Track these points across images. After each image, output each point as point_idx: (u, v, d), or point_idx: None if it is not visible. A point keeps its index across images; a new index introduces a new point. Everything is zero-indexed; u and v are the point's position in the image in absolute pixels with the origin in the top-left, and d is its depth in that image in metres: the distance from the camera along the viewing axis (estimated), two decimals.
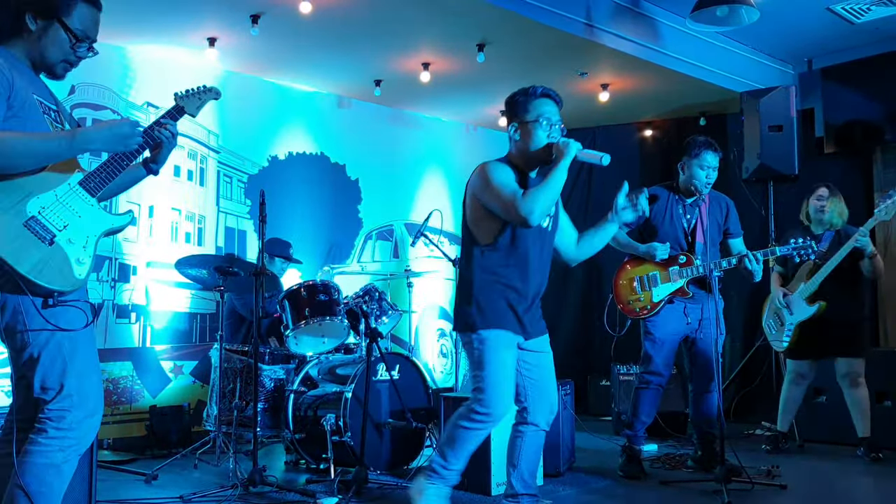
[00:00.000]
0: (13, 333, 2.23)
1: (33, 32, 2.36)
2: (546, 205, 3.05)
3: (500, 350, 3.13)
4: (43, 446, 2.23)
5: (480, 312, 3.14)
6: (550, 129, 3.20)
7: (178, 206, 5.92)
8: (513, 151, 3.30)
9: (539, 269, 3.26)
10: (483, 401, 3.09)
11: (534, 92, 3.23)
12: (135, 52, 5.68)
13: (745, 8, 5.06)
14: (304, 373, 4.80)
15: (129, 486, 4.34)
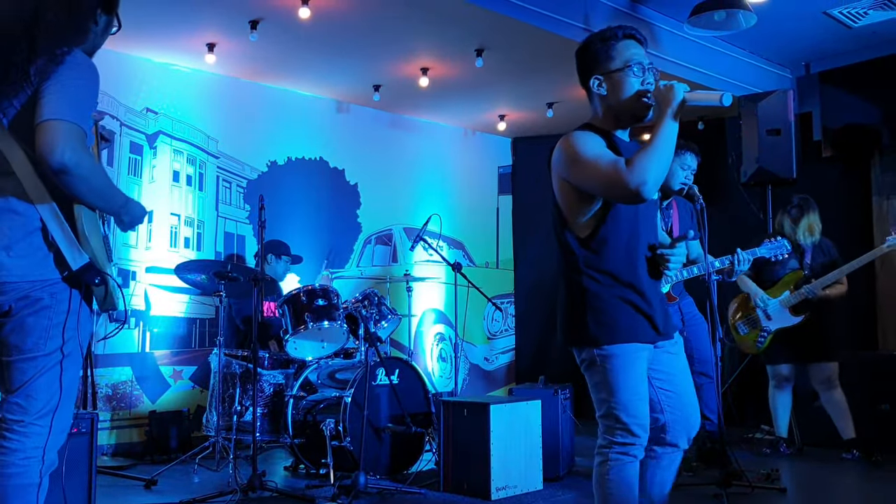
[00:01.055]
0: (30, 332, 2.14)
1: (98, 27, 2.35)
2: (660, 170, 2.39)
3: (632, 367, 2.50)
4: (24, 468, 2.13)
5: (600, 324, 2.51)
6: (644, 73, 2.57)
7: (178, 212, 5.93)
8: (598, 113, 2.65)
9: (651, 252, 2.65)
10: (621, 429, 2.48)
11: (614, 35, 2.62)
12: (134, 57, 5.69)
13: (742, 12, 5.08)
14: (304, 378, 4.80)
15: (128, 492, 4.34)
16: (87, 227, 2.16)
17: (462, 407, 4.26)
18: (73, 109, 2.08)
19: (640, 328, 2.52)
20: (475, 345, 7.76)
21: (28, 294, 2.12)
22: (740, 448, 5.35)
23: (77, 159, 2.03)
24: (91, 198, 2.15)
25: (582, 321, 2.55)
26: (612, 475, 2.48)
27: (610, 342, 2.50)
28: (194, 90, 6.06)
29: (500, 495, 4.08)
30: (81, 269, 2.13)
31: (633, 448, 2.49)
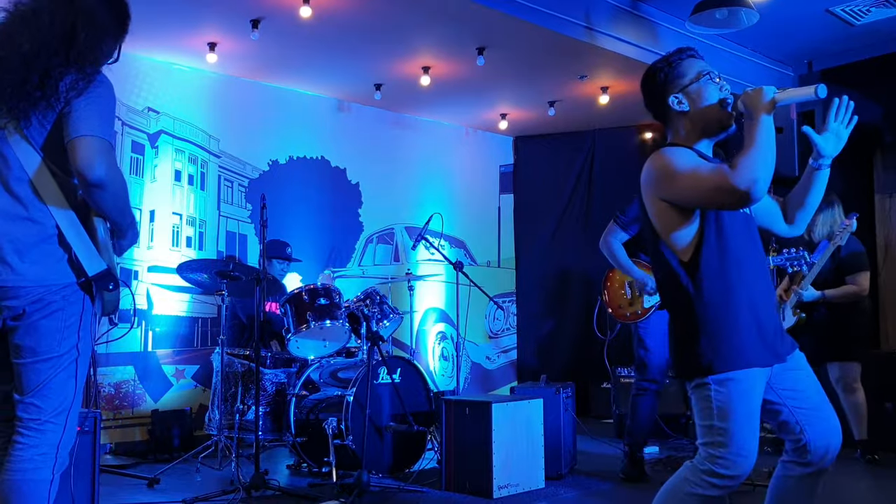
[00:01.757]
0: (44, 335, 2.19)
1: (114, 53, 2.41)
2: (768, 170, 2.29)
3: (747, 395, 2.35)
4: (41, 463, 2.20)
5: (714, 349, 2.35)
6: (719, 80, 2.52)
7: (179, 211, 5.93)
8: (679, 133, 2.55)
9: (761, 267, 2.52)
10: (726, 462, 2.33)
11: (676, 58, 2.59)
12: (135, 57, 5.69)
13: (744, 10, 5.07)
14: (306, 376, 4.81)
15: (131, 491, 4.35)
16: (103, 236, 2.26)
17: (464, 406, 4.27)
18: (105, 126, 2.19)
19: (754, 352, 2.37)
20: (477, 343, 7.76)
21: (41, 297, 2.18)
22: None
23: (113, 175, 2.15)
24: (114, 212, 2.25)
25: (693, 349, 2.39)
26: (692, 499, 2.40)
27: (724, 368, 2.34)
28: (196, 89, 6.07)
29: (502, 494, 4.08)
30: (99, 275, 2.22)
31: (730, 484, 2.36)
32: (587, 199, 7.86)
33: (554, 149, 7.96)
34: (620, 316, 4.61)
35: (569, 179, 7.91)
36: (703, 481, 2.37)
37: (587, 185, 7.87)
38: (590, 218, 7.72)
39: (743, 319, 2.37)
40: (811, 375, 2.51)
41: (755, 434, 2.35)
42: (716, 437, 2.34)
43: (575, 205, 7.91)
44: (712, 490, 2.36)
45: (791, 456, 2.49)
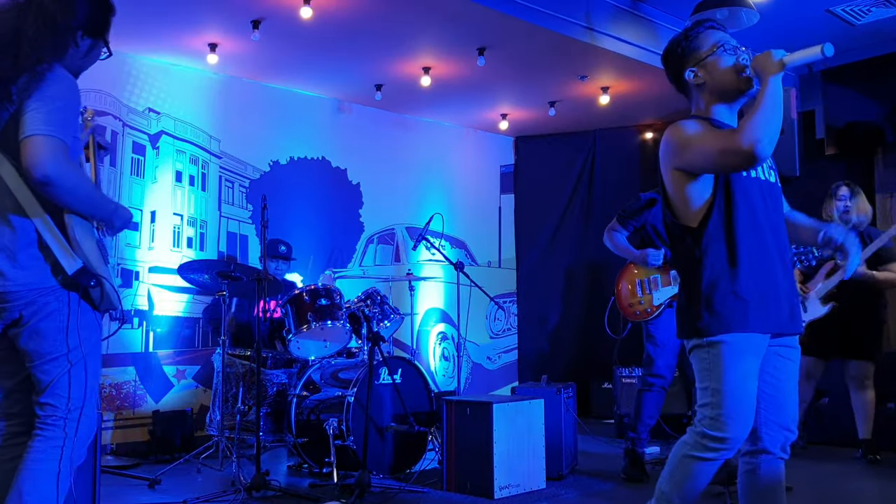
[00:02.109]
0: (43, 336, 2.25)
1: (80, 49, 2.41)
2: (773, 128, 2.36)
3: (743, 358, 2.39)
4: (53, 455, 2.27)
5: (713, 312, 2.41)
6: (736, 50, 2.56)
7: (180, 212, 5.93)
8: (700, 105, 2.64)
9: (775, 236, 2.50)
10: (719, 424, 2.37)
11: (695, 30, 2.64)
12: (136, 58, 5.70)
13: (745, 10, 5.07)
14: (307, 377, 4.81)
15: (132, 491, 4.35)
16: (78, 233, 2.26)
17: (465, 406, 4.26)
18: (54, 124, 2.19)
19: (752, 316, 2.40)
20: (478, 344, 7.76)
21: (34, 301, 2.23)
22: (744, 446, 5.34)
23: (60, 171, 2.15)
24: (78, 207, 2.27)
25: (695, 311, 2.44)
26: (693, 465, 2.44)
27: (720, 331, 2.39)
28: (196, 90, 6.07)
29: (503, 494, 4.08)
30: (76, 274, 2.24)
31: (721, 449, 2.40)
32: (588, 199, 7.86)
33: (554, 149, 7.96)
34: (631, 314, 4.62)
35: (569, 179, 7.91)
36: (698, 444, 2.41)
37: (588, 185, 7.87)
38: (590, 218, 7.71)
39: (744, 286, 2.40)
40: (795, 371, 2.56)
41: (750, 398, 2.39)
42: (709, 398, 2.40)
43: (575, 205, 7.90)
44: (707, 453, 2.39)
45: (747, 444, 2.54)
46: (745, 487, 2.59)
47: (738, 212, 2.45)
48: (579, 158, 7.90)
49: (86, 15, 2.38)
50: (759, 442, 2.52)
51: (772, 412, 2.51)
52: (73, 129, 2.27)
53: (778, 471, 2.58)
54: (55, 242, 2.23)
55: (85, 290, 2.26)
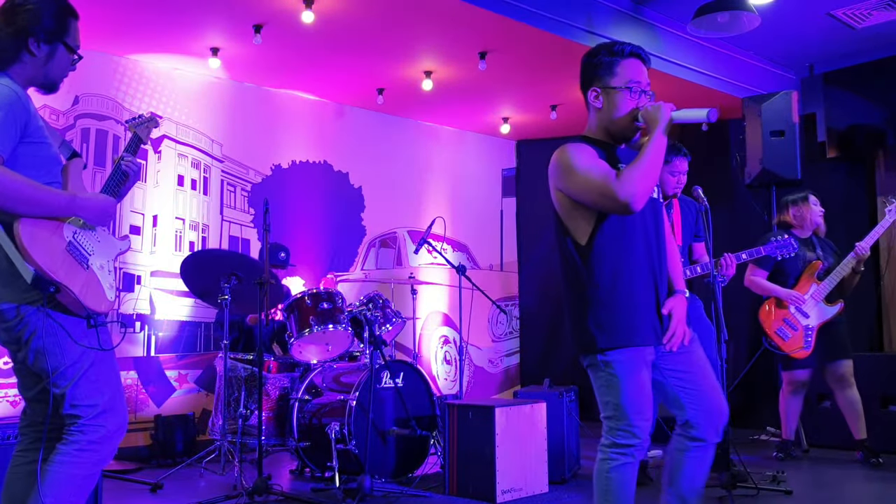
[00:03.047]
0: (44, 354, 2.28)
1: (38, 57, 2.39)
2: (649, 183, 2.51)
3: (635, 369, 2.56)
4: (76, 457, 2.32)
5: (602, 329, 2.57)
6: (640, 97, 2.67)
7: (182, 216, 5.94)
8: (592, 125, 2.77)
9: (658, 251, 2.68)
10: (624, 430, 2.55)
11: (621, 50, 2.70)
12: (138, 62, 5.71)
13: (745, 14, 5.07)
14: (309, 381, 4.81)
15: (134, 496, 4.35)
16: (26, 239, 2.20)
17: (467, 410, 4.26)
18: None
19: (639, 331, 2.56)
20: (480, 347, 7.76)
21: (22, 316, 2.26)
22: (746, 450, 5.34)
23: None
24: (17, 208, 2.21)
25: (585, 328, 2.60)
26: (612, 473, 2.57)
27: (610, 346, 2.55)
28: (198, 94, 6.08)
29: (505, 498, 4.08)
30: (33, 282, 2.20)
31: (633, 449, 2.56)
32: None
33: None
34: None
35: None
36: (612, 455, 2.57)
37: None
38: None
39: (628, 301, 2.56)
40: (702, 358, 2.70)
41: (647, 403, 2.57)
42: (612, 411, 2.57)
43: None
44: (622, 458, 2.56)
45: (679, 430, 2.71)
46: (672, 466, 2.75)
47: (625, 233, 2.59)
48: None
49: (36, 22, 2.36)
50: (693, 431, 2.67)
51: (699, 403, 2.64)
52: (7, 136, 2.22)
53: (708, 456, 2.72)
54: (12, 254, 2.21)
55: (50, 296, 2.23)
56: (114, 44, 5.27)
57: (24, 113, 2.27)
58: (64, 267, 2.26)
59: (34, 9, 2.36)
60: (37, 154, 2.31)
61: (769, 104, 6.25)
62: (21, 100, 2.28)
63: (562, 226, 2.67)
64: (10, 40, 2.34)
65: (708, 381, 2.68)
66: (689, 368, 2.67)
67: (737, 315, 6.41)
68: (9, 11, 2.35)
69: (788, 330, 5.08)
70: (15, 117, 2.24)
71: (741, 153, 6.53)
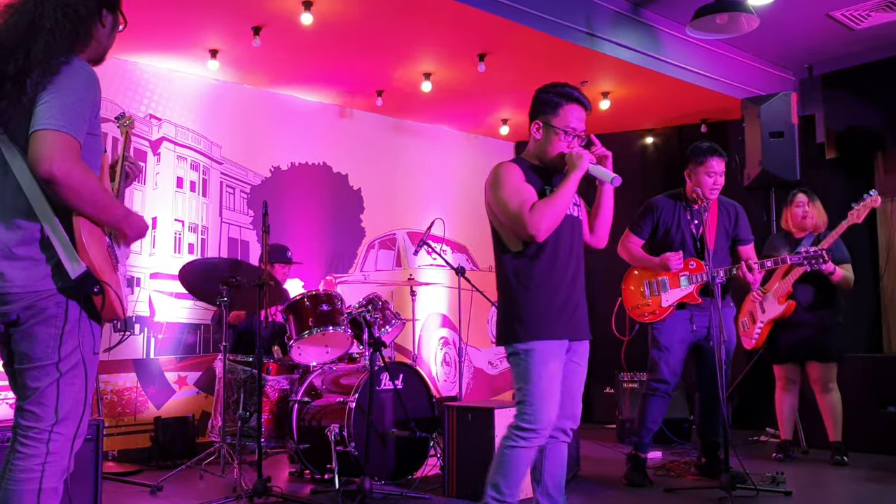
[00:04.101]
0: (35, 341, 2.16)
1: (105, 28, 2.34)
2: (554, 219, 2.94)
3: (547, 362, 2.94)
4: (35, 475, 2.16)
5: (522, 323, 2.97)
6: (572, 140, 3.09)
7: (182, 218, 5.94)
8: (530, 150, 3.18)
9: (574, 264, 3.09)
10: (529, 417, 2.90)
11: (568, 94, 3.08)
12: (137, 63, 5.71)
13: (744, 15, 5.07)
14: (308, 383, 4.81)
15: (134, 498, 4.35)
16: (86, 236, 2.15)
17: (466, 411, 4.26)
18: (64, 118, 2.08)
19: (553, 327, 2.96)
20: (479, 349, 7.76)
21: (33, 304, 2.14)
22: (745, 451, 5.34)
23: (66, 169, 2.05)
24: (85, 208, 2.15)
25: (509, 321, 3.02)
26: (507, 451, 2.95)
27: (527, 339, 2.94)
28: (198, 96, 6.08)
29: None
30: (80, 279, 2.13)
31: (533, 436, 2.91)
32: (589, 202, 7.84)
33: None
34: (638, 315, 4.62)
35: None
36: (514, 435, 2.93)
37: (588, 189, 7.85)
38: None
39: (547, 301, 2.98)
40: (584, 370, 3.14)
41: (554, 394, 2.94)
42: (522, 396, 2.93)
43: None
44: (521, 441, 2.91)
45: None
46: (534, 465, 3.08)
47: (549, 242, 2.99)
48: None
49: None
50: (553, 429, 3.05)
51: (566, 405, 3.04)
52: (87, 124, 2.16)
53: (562, 451, 3.14)
54: (60, 245, 2.13)
55: (87, 296, 2.16)
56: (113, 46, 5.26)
57: (99, 102, 2.23)
58: (108, 268, 2.20)
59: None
60: (92, 147, 2.24)
61: (768, 105, 6.26)
62: (99, 87, 2.23)
63: (495, 233, 3.13)
64: (91, 17, 2.27)
65: (578, 392, 3.13)
66: (571, 376, 3.07)
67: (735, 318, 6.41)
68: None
69: (748, 321, 5.25)
70: (94, 106, 2.20)
71: (740, 154, 6.54)
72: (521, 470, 2.95)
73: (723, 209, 4.59)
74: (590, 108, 3.14)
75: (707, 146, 4.49)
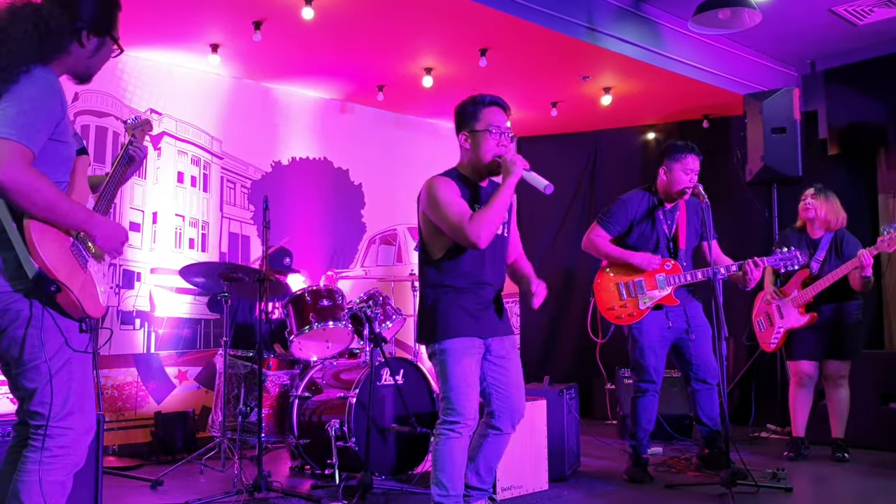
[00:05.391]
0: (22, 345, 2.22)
1: (86, 49, 2.38)
2: (493, 227, 3.11)
3: (461, 358, 3.15)
4: (49, 464, 2.25)
5: (438, 323, 3.18)
6: (500, 137, 3.23)
7: (182, 213, 5.93)
8: (463, 162, 3.35)
9: (494, 272, 3.32)
10: (450, 409, 3.13)
11: (482, 100, 3.27)
12: (137, 58, 5.70)
13: (747, 11, 5.06)
14: (309, 378, 4.80)
15: (134, 493, 4.35)
16: (36, 236, 2.18)
17: None
18: (15, 126, 2.12)
19: (467, 326, 3.17)
20: None
21: (7, 307, 2.20)
22: (746, 447, 5.33)
23: (13, 175, 2.10)
24: (39, 212, 2.19)
25: (427, 322, 3.23)
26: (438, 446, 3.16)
27: (444, 337, 3.15)
28: (198, 91, 6.07)
29: (505, 496, 4.08)
30: (34, 279, 2.17)
31: (458, 426, 3.11)
32: (590, 200, 7.84)
33: (556, 150, 7.94)
34: (614, 318, 4.52)
35: (571, 180, 7.89)
36: (441, 431, 3.14)
37: (590, 185, 7.86)
38: (592, 218, 7.67)
39: (463, 303, 3.19)
40: (515, 365, 3.34)
41: (473, 388, 3.17)
42: (444, 392, 3.15)
43: (577, 206, 7.89)
44: (449, 434, 3.12)
45: (486, 419, 3.32)
46: (474, 447, 3.31)
47: (467, 253, 3.20)
48: (581, 159, 7.89)
49: (90, 14, 2.35)
50: (494, 421, 3.30)
51: (502, 402, 3.29)
52: (44, 132, 2.19)
53: (503, 442, 3.37)
54: (19, 246, 2.17)
55: (49, 296, 2.19)
56: None
57: (60, 109, 2.25)
58: (67, 267, 2.23)
59: (91, 1, 2.35)
60: (56, 153, 2.28)
61: (770, 101, 6.24)
62: (61, 96, 2.25)
63: (422, 241, 3.31)
64: (64, 34, 2.30)
65: (516, 388, 3.33)
66: (504, 371, 3.29)
67: (737, 313, 6.41)
68: (63, 2, 2.32)
69: (765, 323, 5.23)
70: (53, 114, 2.22)
71: (742, 150, 6.52)
72: (457, 461, 3.15)
73: (691, 207, 4.58)
74: (508, 108, 3.30)
75: (684, 143, 4.49)
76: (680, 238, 4.44)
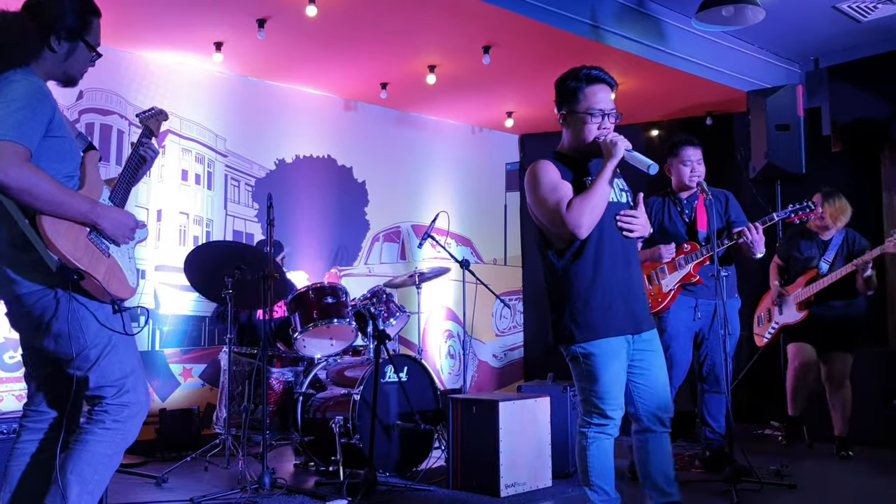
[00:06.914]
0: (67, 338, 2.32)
1: (58, 53, 2.43)
2: (595, 214, 2.82)
3: (607, 361, 2.86)
4: (101, 436, 2.39)
5: (577, 323, 2.87)
6: (603, 119, 2.92)
7: (186, 210, 5.94)
8: (564, 142, 3.05)
9: (625, 254, 2.96)
10: (598, 414, 2.90)
11: (586, 76, 2.95)
12: (142, 56, 5.71)
13: (750, 7, 5.05)
14: (313, 375, 4.82)
15: (139, 489, 4.37)
16: (50, 231, 2.25)
17: (471, 404, 4.27)
18: (7, 126, 2.19)
19: (611, 324, 2.86)
20: (483, 342, 7.76)
21: (46, 304, 2.30)
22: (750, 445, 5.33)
23: (13, 175, 2.16)
24: (42, 207, 2.26)
25: (563, 322, 2.91)
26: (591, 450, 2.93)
27: (584, 339, 2.86)
28: (202, 89, 6.08)
29: (509, 493, 4.08)
30: (57, 270, 2.26)
31: (607, 428, 2.90)
32: None
33: None
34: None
35: None
36: (588, 434, 2.92)
37: None
38: None
39: (600, 298, 2.86)
40: (661, 357, 3.01)
41: (619, 388, 2.89)
42: (588, 396, 2.90)
43: None
44: (599, 436, 2.91)
45: (634, 425, 3.06)
46: (639, 461, 3.07)
47: (593, 238, 2.87)
48: None
49: (58, 20, 2.40)
50: (641, 423, 3.01)
51: (646, 400, 2.98)
52: (39, 130, 2.26)
53: (663, 443, 3.04)
54: (37, 243, 2.26)
55: (74, 283, 2.28)
56: (118, 39, 5.26)
57: (48, 107, 2.31)
58: (87, 255, 2.32)
59: (57, 6, 2.40)
60: (59, 148, 2.35)
61: (774, 98, 6.24)
62: (46, 94, 2.32)
63: (539, 231, 3.02)
64: (33, 36, 2.37)
65: (659, 383, 2.99)
66: (648, 365, 2.97)
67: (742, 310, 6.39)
68: (33, 8, 2.39)
69: (763, 318, 5.34)
70: (42, 111, 2.28)
71: (745, 147, 6.51)
72: (610, 462, 2.96)
73: (713, 196, 4.60)
74: (614, 84, 2.99)
75: (679, 138, 4.58)
76: (698, 222, 4.49)
